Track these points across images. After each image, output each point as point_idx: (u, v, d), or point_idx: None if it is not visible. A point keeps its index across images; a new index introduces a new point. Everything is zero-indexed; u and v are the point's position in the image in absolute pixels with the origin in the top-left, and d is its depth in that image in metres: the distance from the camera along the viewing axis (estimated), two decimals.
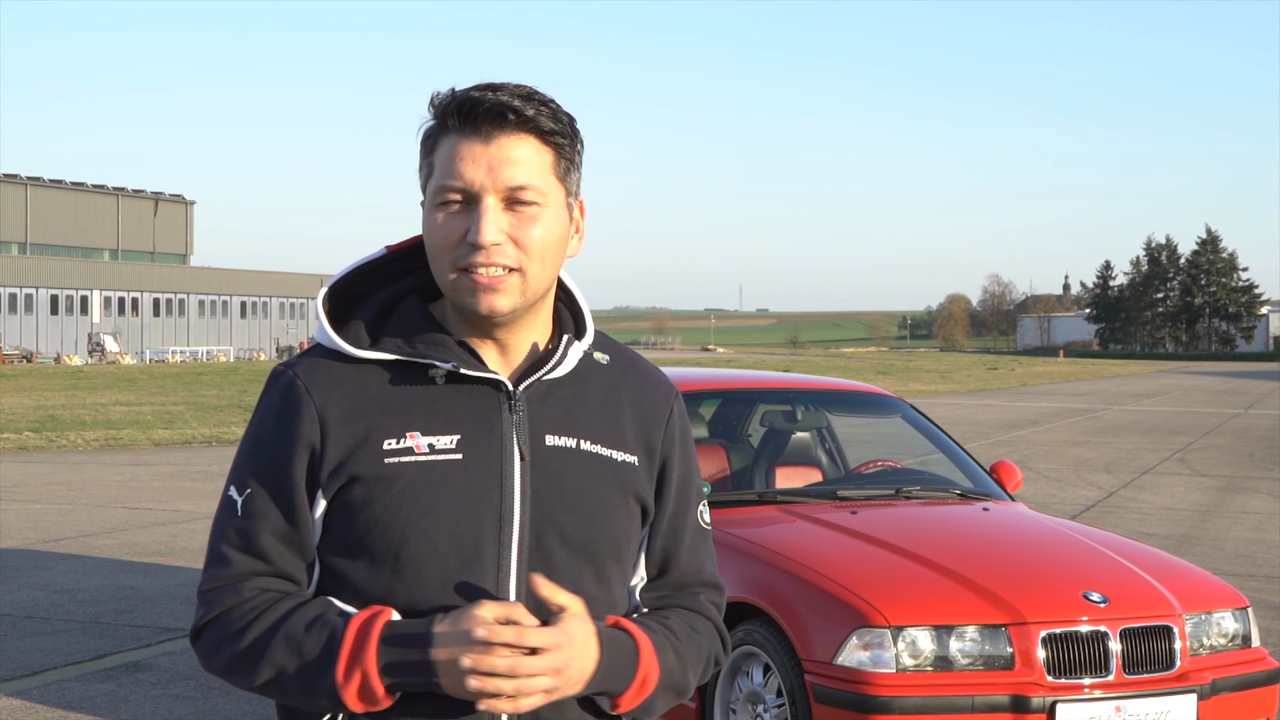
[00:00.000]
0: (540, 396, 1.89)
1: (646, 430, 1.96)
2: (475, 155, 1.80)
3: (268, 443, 1.85)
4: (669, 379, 2.05)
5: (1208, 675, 4.97)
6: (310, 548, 1.84)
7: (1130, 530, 12.25)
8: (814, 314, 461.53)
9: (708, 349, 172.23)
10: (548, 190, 1.83)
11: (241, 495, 1.84)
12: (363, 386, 1.85)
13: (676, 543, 1.99)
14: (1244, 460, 20.59)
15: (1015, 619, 4.84)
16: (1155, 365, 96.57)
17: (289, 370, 1.88)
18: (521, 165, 1.80)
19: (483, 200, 1.80)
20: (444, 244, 1.81)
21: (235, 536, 1.84)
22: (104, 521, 12.71)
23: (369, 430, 1.82)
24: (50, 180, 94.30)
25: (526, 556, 1.82)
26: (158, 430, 23.94)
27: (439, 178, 1.82)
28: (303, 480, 1.82)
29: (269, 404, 1.87)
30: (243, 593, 1.82)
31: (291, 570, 1.84)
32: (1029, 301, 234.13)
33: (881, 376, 54.24)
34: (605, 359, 1.98)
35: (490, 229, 1.78)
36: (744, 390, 7.48)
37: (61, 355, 78.83)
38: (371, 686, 1.72)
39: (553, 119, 1.82)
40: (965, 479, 6.66)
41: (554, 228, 1.84)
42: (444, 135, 1.83)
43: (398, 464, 1.80)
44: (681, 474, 2.00)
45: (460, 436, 1.83)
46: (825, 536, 5.56)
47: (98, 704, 6.55)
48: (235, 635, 1.80)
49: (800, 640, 4.95)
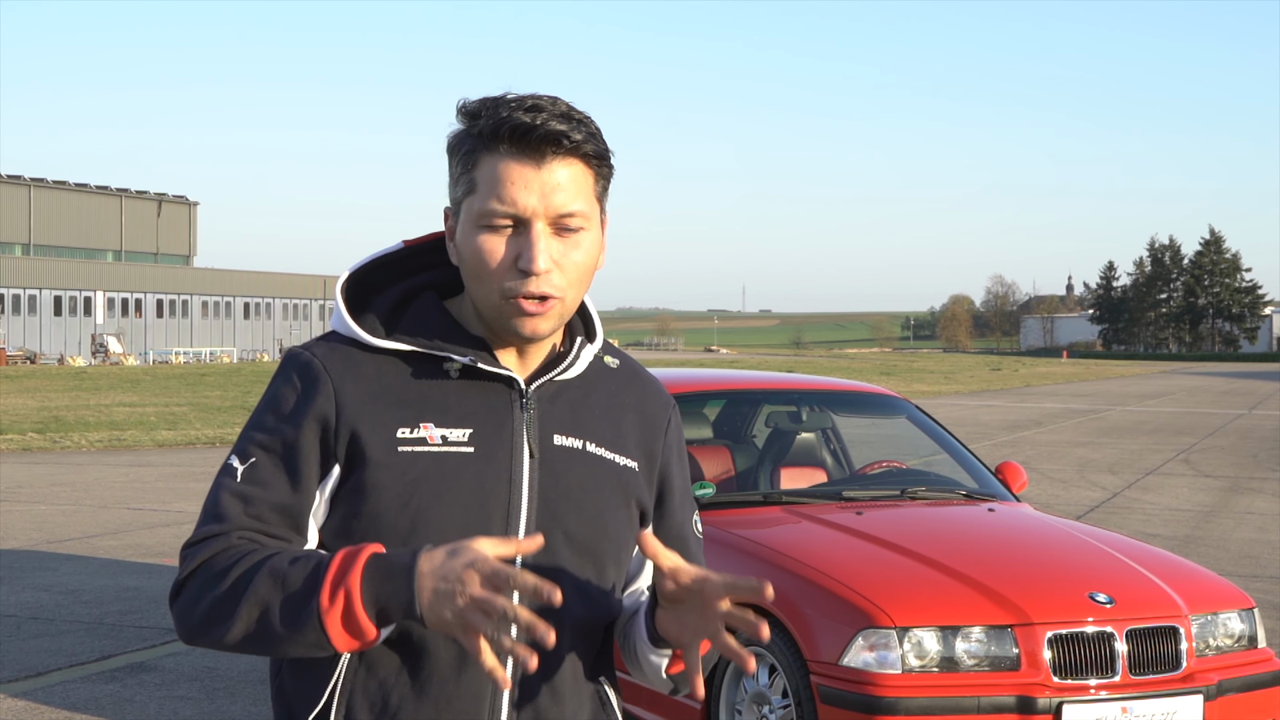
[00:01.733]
0: (550, 397, 1.90)
1: (648, 438, 1.98)
2: (528, 181, 1.79)
3: (279, 415, 1.82)
4: (666, 389, 2.07)
5: (1214, 676, 4.96)
6: (305, 523, 1.81)
7: (1134, 531, 12.24)
8: (817, 315, 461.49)
9: (711, 350, 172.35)
10: (591, 214, 1.84)
11: (244, 464, 1.81)
12: (378, 376, 1.85)
13: (683, 550, 2.01)
14: (1248, 461, 20.57)
15: (1021, 620, 4.83)
16: (1159, 366, 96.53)
17: (307, 351, 1.88)
18: (569, 191, 1.81)
19: (533, 226, 1.79)
20: (494, 267, 1.81)
21: (231, 498, 1.79)
22: (108, 522, 12.71)
23: (384, 417, 1.82)
24: (54, 181, 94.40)
25: (532, 553, 1.81)
26: (161, 431, 23.96)
27: (488, 200, 1.80)
28: (314, 456, 1.80)
29: (284, 379, 1.85)
30: (231, 539, 1.77)
31: (286, 537, 1.80)
32: (1032, 302, 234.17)
33: (885, 377, 54.22)
34: (615, 363, 2.01)
35: (543, 257, 1.79)
36: (749, 391, 7.47)
37: (65, 356, 78.86)
38: (354, 610, 1.65)
39: (595, 142, 1.83)
40: (970, 480, 6.66)
41: (593, 250, 1.86)
42: (488, 153, 1.81)
43: (411, 453, 1.81)
44: (681, 484, 2.04)
45: (473, 430, 1.84)
46: (830, 537, 5.56)
47: (102, 705, 6.55)
48: (218, 577, 1.73)
49: (806, 641, 4.95)
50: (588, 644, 1.91)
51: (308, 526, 1.82)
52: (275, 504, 1.80)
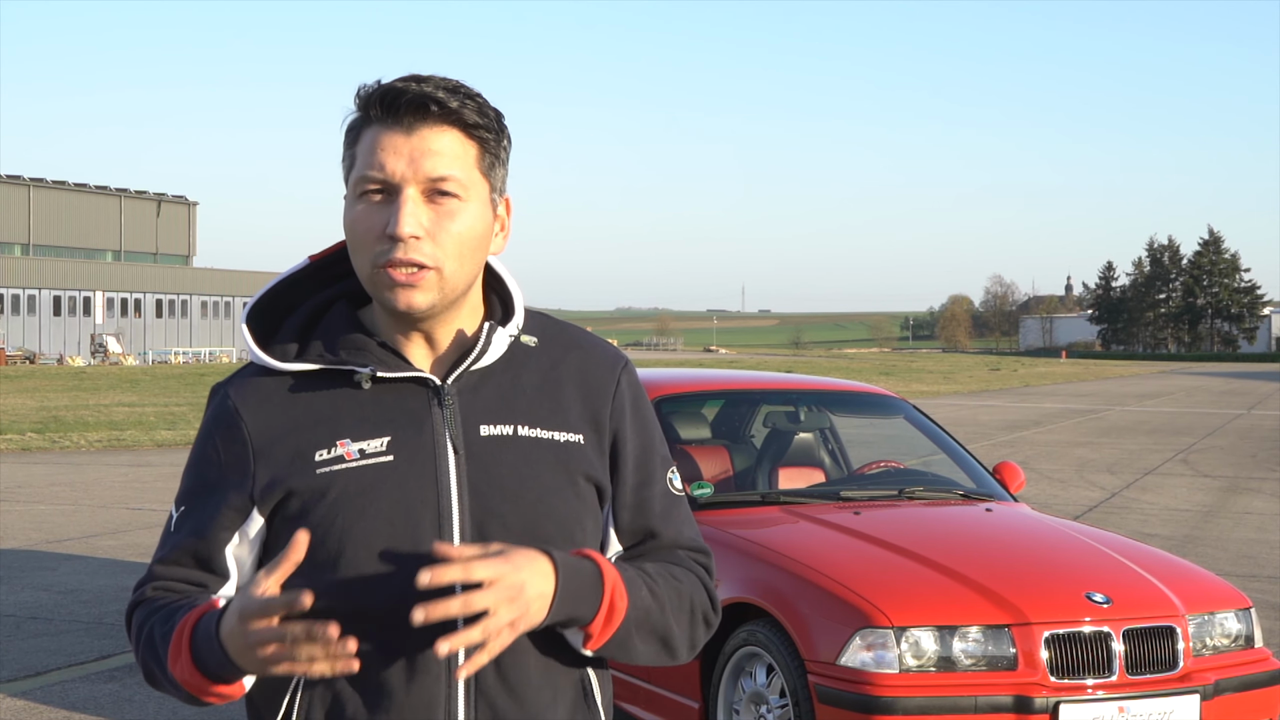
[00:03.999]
0: (472, 387, 1.87)
1: (592, 406, 1.92)
2: (397, 146, 1.77)
3: (201, 464, 1.89)
4: (617, 351, 2.01)
5: (1211, 676, 4.97)
6: (220, 564, 1.87)
7: (1133, 531, 12.25)
8: (816, 315, 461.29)
9: (710, 350, 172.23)
10: (470, 184, 1.80)
11: (177, 512, 1.90)
12: (293, 400, 1.86)
13: (646, 514, 1.94)
14: (1247, 461, 20.58)
15: (1018, 619, 4.84)
16: (1158, 366, 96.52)
17: (224, 389, 1.90)
18: (443, 156, 1.78)
19: (403, 191, 1.77)
20: (364, 236, 1.79)
21: (161, 549, 1.90)
22: (107, 522, 12.72)
23: (300, 443, 1.83)
24: (53, 181, 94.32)
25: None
26: (160, 431, 23.96)
27: (360, 168, 1.79)
28: (230, 504, 1.85)
29: (206, 426, 1.91)
30: (146, 590, 1.88)
31: (201, 580, 1.88)
32: (1031, 302, 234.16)
33: (884, 377, 54.22)
34: (533, 341, 1.94)
35: (409, 221, 1.76)
36: (747, 391, 7.48)
37: (64, 356, 78.85)
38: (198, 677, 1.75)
39: (478, 113, 1.80)
40: (968, 480, 6.67)
41: (475, 224, 1.81)
42: (366, 126, 1.81)
43: (329, 473, 1.80)
44: (638, 444, 1.95)
45: (391, 438, 1.82)
46: (828, 537, 5.57)
47: (102, 704, 6.56)
48: (137, 629, 1.86)
49: (803, 641, 4.96)
50: (555, 634, 1.83)
51: (224, 565, 1.87)
52: (190, 550, 1.87)
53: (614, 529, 1.94)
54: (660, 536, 1.95)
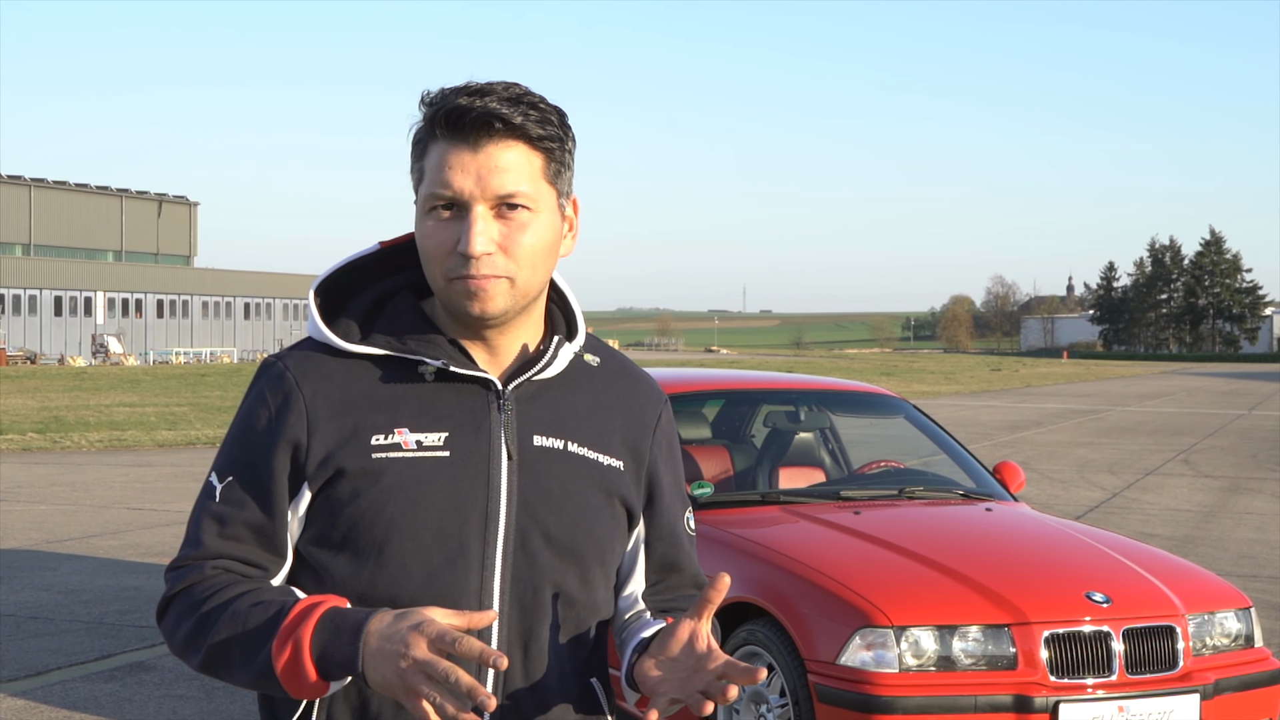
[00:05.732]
0: (529, 397, 1.88)
1: (634, 436, 1.96)
2: (464, 164, 1.77)
3: (253, 433, 1.84)
4: (659, 386, 2.05)
5: (1211, 675, 4.97)
6: (282, 542, 1.83)
7: (1133, 531, 12.25)
8: (817, 315, 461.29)
9: (711, 350, 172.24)
10: (538, 196, 1.81)
11: (221, 483, 1.83)
12: (352, 381, 1.84)
13: (675, 548, 2.01)
14: (1247, 461, 20.58)
15: (1018, 619, 4.84)
16: (1159, 366, 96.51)
17: (279, 362, 1.88)
18: (510, 173, 1.78)
19: (472, 209, 1.78)
20: (436, 251, 1.80)
21: (210, 521, 1.83)
22: (108, 522, 12.72)
23: (357, 425, 1.81)
24: (54, 182, 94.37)
25: (511, 555, 1.82)
26: (161, 431, 23.96)
27: (429, 185, 1.80)
28: (285, 474, 1.81)
29: (258, 394, 1.86)
30: (205, 570, 1.81)
31: (260, 560, 1.83)
32: (1033, 303, 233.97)
33: (885, 377, 54.22)
34: (596, 361, 1.98)
35: (480, 239, 1.77)
36: (747, 391, 7.49)
37: (65, 356, 78.84)
38: (301, 661, 1.67)
39: (541, 123, 1.80)
40: (968, 479, 6.67)
41: (545, 233, 1.82)
42: (433, 141, 1.81)
43: (385, 459, 1.80)
44: (673, 480, 2.02)
45: (448, 434, 1.83)
46: (828, 537, 5.57)
47: (102, 704, 6.56)
48: (191, 609, 1.78)
49: (803, 640, 4.96)
50: (574, 645, 1.89)
51: (285, 545, 1.83)
52: (250, 523, 1.82)
53: (644, 559, 2.00)
54: (683, 571, 2.03)
